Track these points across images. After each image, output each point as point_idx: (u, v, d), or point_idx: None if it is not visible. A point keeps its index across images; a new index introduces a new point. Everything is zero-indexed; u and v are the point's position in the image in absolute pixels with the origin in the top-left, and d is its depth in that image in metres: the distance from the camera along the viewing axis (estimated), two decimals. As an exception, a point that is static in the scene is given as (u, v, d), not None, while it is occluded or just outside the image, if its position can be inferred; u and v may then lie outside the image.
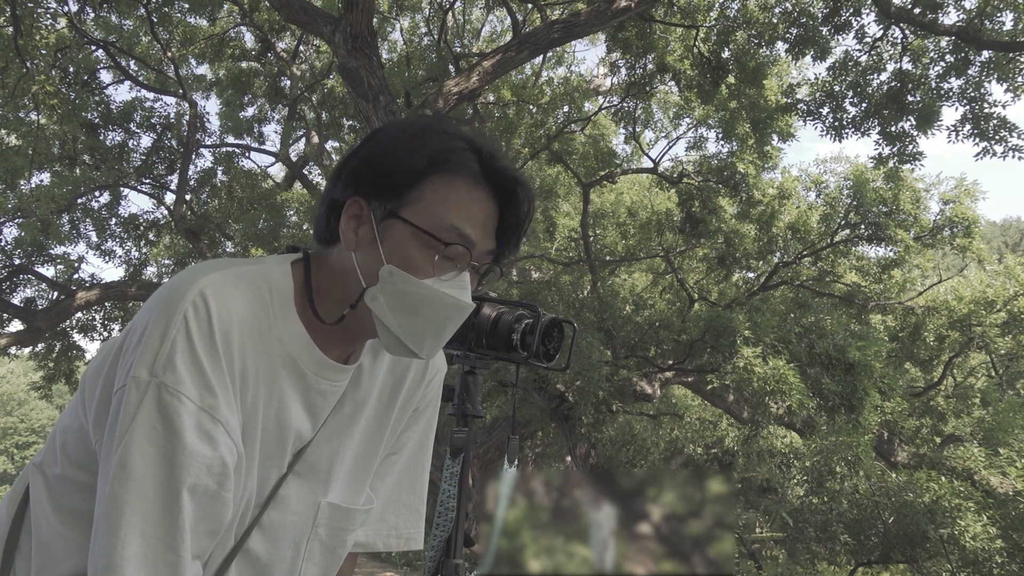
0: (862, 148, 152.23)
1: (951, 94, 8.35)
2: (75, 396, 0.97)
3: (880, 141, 8.79)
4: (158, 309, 0.85)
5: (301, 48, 12.91)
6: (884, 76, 8.76)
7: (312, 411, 0.99)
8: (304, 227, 12.40)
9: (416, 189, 0.92)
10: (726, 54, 9.27)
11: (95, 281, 12.07)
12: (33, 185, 10.93)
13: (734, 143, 10.12)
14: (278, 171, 15.19)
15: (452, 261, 0.93)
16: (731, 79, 9.39)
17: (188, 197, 12.16)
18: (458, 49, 12.84)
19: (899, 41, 8.62)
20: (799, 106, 9.24)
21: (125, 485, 0.79)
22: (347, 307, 0.96)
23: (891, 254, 10.78)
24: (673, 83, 9.95)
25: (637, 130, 11.44)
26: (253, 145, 13.82)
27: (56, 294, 11.76)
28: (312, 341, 0.96)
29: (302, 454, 1.01)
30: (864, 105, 8.71)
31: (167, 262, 13.73)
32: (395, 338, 0.93)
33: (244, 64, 12.95)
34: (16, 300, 11.68)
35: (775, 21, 8.81)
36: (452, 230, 0.92)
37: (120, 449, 0.80)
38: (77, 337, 12.45)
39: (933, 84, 8.48)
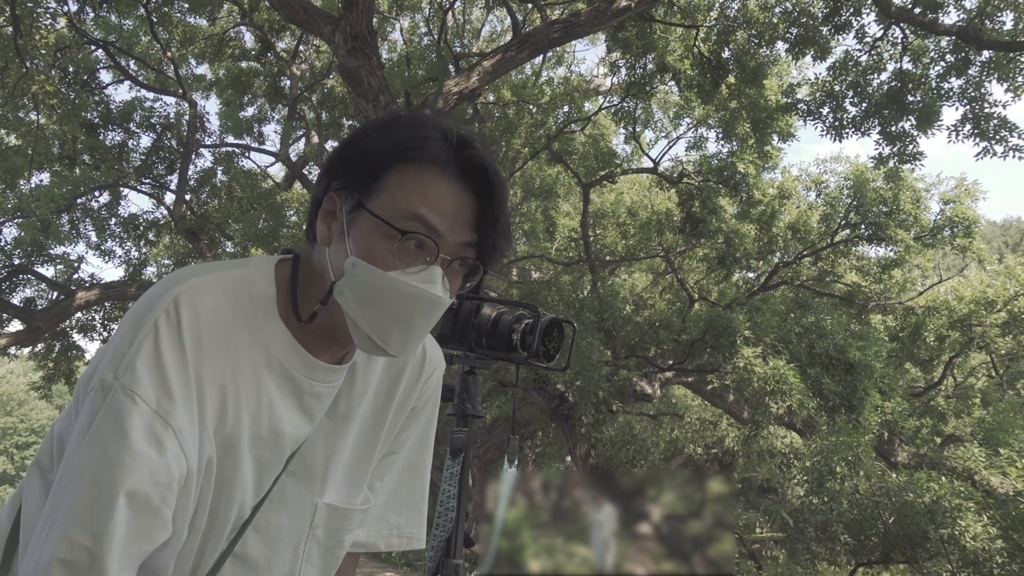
0: (862, 148, 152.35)
1: (951, 94, 8.34)
2: (71, 400, 0.97)
3: (880, 141, 8.79)
4: (134, 316, 0.86)
5: (301, 48, 12.90)
6: (884, 76, 8.78)
7: (308, 414, 0.98)
8: (304, 227, 12.39)
9: (382, 179, 0.89)
10: (726, 54, 9.27)
11: (95, 281, 12.06)
12: (33, 185, 10.92)
13: (734, 143, 10.11)
14: (278, 171, 15.20)
15: (417, 253, 0.88)
16: (731, 79, 9.39)
17: (188, 197, 12.15)
18: (458, 49, 12.84)
19: (899, 41, 8.62)
20: (799, 106, 9.23)
21: (65, 484, 0.78)
22: (319, 305, 0.93)
23: (891, 254, 10.78)
24: (673, 83, 9.95)
25: (637, 130, 11.43)
26: (253, 145, 13.83)
27: (56, 294, 11.75)
28: (299, 344, 0.95)
29: (295, 454, 1.00)
30: (864, 105, 8.71)
31: (167, 262, 13.73)
32: (363, 333, 0.89)
33: (244, 64, 12.94)
34: (16, 300, 11.67)
35: (775, 21, 8.80)
36: (414, 219, 0.87)
37: (75, 448, 0.79)
38: (77, 337, 12.45)
39: (933, 84, 8.47)
